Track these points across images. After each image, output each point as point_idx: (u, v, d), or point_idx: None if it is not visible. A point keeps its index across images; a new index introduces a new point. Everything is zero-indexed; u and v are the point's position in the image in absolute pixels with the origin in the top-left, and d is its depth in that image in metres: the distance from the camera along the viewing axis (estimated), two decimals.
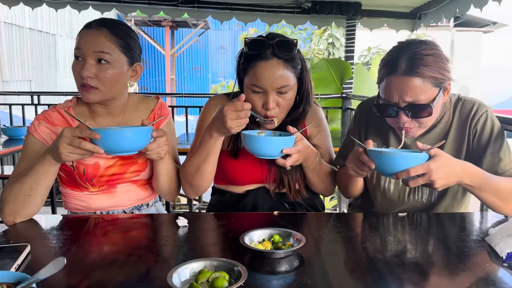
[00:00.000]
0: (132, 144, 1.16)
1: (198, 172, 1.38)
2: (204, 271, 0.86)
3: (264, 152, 1.25)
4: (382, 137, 1.47)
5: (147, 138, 1.21)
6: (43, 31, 9.55)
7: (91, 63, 1.29)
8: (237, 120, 1.23)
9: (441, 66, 1.23)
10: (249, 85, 1.35)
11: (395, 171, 1.11)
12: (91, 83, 1.30)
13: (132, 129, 1.19)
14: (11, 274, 0.80)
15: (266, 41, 1.32)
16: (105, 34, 1.31)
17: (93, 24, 1.33)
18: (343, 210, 3.62)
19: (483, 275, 0.91)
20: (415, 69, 1.21)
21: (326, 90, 4.39)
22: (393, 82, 1.25)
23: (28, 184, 1.22)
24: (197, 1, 3.84)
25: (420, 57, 1.22)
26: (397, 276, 0.89)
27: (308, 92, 1.45)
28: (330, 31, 9.45)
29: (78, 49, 1.30)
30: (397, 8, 3.95)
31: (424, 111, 1.24)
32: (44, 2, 3.91)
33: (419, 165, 1.09)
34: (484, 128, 1.33)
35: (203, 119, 1.52)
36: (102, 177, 1.39)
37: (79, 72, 1.29)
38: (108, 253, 1.02)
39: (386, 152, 1.11)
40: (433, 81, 1.22)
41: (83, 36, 1.31)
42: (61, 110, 1.39)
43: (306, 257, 0.99)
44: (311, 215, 1.32)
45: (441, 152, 1.11)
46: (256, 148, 1.25)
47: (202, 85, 15.87)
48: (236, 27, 15.05)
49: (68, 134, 1.13)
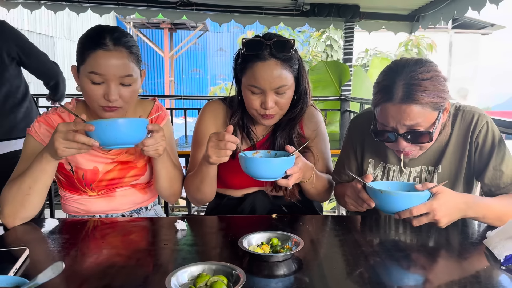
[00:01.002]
0: (127, 136, 1.14)
1: (199, 191, 1.40)
2: (202, 275, 0.86)
3: (266, 175, 1.21)
4: (379, 155, 1.41)
5: (142, 131, 1.19)
6: (41, 34, 9.55)
7: (115, 87, 1.26)
8: (216, 149, 1.20)
9: (440, 89, 1.17)
10: (247, 86, 1.35)
11: (397, 210, 1.09)
12: (116, 105, 1.28)
13: (126, 119, 1.15)
14: (9, 279, 0.80)
15: (263, 42, 1.32)
16: (126, 56, 1.27)
17: (109, 43, 1.25)
18: (341, 212, 3.62)
19: (481, 278, 0.91)
20: (413, 96, 1.14)
21: (324, 92, 4.39)
22: (390, 109, 1.18)
23: (27, 183, 1.21)
24: (196, 4, 3.84)
25: (418, 83, 1.15)
26: (396, 279, 0.90)
27: (306, 91, 1.45)
28: (328, 33, 9.47)
29: (98, 75, 1.24)
30: (395, 10, 3.96)
31: (424, 137, 1.20)
32: (43, 5, 3.91)
33: (422, 204, 1.07)
34: (486, 141, 1.28)
35: (200, 126, 1.53)
36: (101, 182, 1.39)
37: (102, 96, 1.26)
38: (106, 257, 1.02)
39: (387, 192, 1.09)
40: (433, 106, 1.16)
41: (103, 59, 1.23)
42: (62, 113, 1.38)
43: (304, 260, 1.00)
44: (309, 218, 1.33)
45: (443, 188, 1.10)
46: (257, 171, 1.20)
47: (201, 87, 15.87)
48: (235, 29, 15.07)
49: (63, 129, 1.12)
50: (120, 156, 1.41)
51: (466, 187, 1.35)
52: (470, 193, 1.38)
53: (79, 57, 1.29)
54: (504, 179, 1.26)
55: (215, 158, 1.21)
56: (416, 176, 1.37)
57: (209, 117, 1.51)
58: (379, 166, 1.41)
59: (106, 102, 1.27)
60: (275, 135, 1.49)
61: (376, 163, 1.41)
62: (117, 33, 1.28)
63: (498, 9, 2.78)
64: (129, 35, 1.33)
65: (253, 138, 1.50)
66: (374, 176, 1.41)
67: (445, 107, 1.22)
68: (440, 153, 1.34)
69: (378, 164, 1.41)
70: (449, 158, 1.33)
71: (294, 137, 1.48)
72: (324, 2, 3.74)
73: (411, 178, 1.37)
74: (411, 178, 1.37)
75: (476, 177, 1.35)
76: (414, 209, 1.07)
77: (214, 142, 1.20)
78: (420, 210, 1.07)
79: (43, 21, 9.55)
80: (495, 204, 1.21)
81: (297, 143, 1.47)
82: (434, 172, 1.35)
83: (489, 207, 1.19)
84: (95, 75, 1.24)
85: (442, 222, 1.10)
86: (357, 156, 1.46)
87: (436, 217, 1.08)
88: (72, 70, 1.33)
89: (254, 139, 1.50)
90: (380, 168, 1.41)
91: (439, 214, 1.08)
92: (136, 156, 1.43)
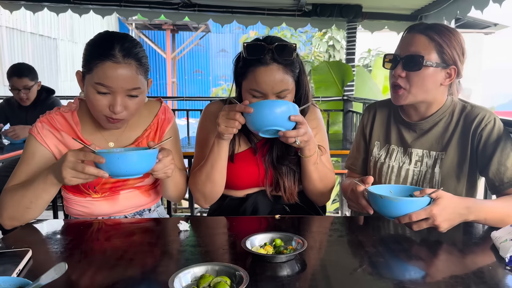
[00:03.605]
0: (138, 167, 1.12)
1: (208, 180, 1.39)
2: (205, 276, 0.86)
3: (274, 122, 1.21)
4: (384, 137, 1.54)
5: (152, 161, 1.17)
6: (44, 35, 9.59)
7: (122, 99, 1.24)
8: (227, 119, 1.26)
9: (451, 43, 1.32)
10: (249, 90, 1.35)
11: (397, 215, 1.10)
12: (121, 117, 1.27)
13: (137, 153, 1.12)
14: (13, 280, 0.80)
15: (265, 46, 1.31)
16: (135, 68, 1.24)
17: (118, 55, 1.21)
18: (345, 213, 3.61)
19: (486, 278, 0.91)
20: (427, 31, 1.33)
21: (327, 93, 4.39)
22: (406, 37, 1.37)
23: (28, 198, 1.21)
24: (198, 5, 3.85)
25: (435, 26, 1.34)
26: (399, 280, 0.89)
27: (306, 95, 1.44)
28: (330, 33, 9.46)
29: (105, 87, 1.21)
30: (398, 10, 3.96)
31: (417, 64, 1.31)
32: (45, 7, 3.93)
33: (422, 210, 1.07)
34: (491, 135, 1.32)
35: (201, 127, 1.54)
36: (105, 184, 1.39)
37: (107, 106, 1.24)
38: (109, 258, 1.02)
39: (386, 197, 1.10)
40: (438, 48, 1.31)
41: (111, 72, 1.20)
42: (65, 113, 1.37)
43: (308, 261, 0.99)
44: (312, 219, 1.32)
45: (443, 193, 1.10)
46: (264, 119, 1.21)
47: (203, 88, 15.89)
48: (237, 30, 15.08)
49: (72, 158, 1.10)
50: None
51: (469, 180, 1.38)
52: (473, 188, 1.41)
53: (86, 65, 1.24)
54: (508, 174, 1.28)
55: (223, 127, 1.27)
56: (417, 160, 1.43)
57: (210, 119, 1.51)
58: (384, 147, 1.53)
59: (111, 113, 1.25)
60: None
61: (381, 144, 1.54)
62: (127, 43, 1.24)
63: (502, 9, 2.77)
64: (138, 44, 1.29)
65: (254, 140, 1.49)
66: (379, 156, 1.53)
67: (449, 72, 1.34)
68: (443, 139, 1.41)
69: (383, 145, 1.53)
70: (453, 150, 1.38)
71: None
72: (326, 2, 3.74)
73: (412, 161, 1.44)
74: (413, 161, 1.44)
75: (480, 172, 1.37)
76: (413, 215, 1.07)
77: (225, 111, 1.27)
78: (419, 215, 1.07)
79: (45, 23, 9.59)
80: (496, 207, 1.20)
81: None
82: (437, 158, 1.40)
83: (491, 210, 1.18)
84: (101, 86, 1.21)
85: (442, 227, 1.09)
86: (366, 138, 1.60)
87: (436, 222, 1.07)
88: (77, 75, 1.30)
89: (255, 140, 1.50)
90: (384, 149, 1.53)
91: (439, 219, 1.07)
92: None
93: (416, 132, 1.45)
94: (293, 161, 1.45)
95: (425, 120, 1.43)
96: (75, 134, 1.35)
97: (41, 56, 9.45)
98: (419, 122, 1.44)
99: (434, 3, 3.53)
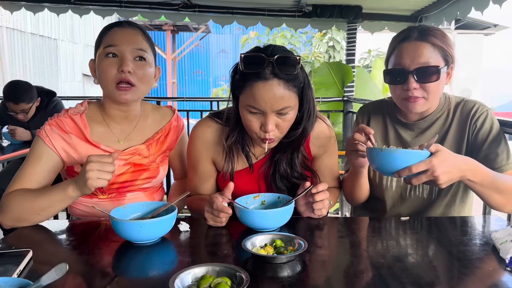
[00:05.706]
0: (159, 233, 1.11)
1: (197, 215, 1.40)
2: (206, 277, 0.86)
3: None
4: (381, 138, 1.53)
5: (171, 224, 1.15)
6: (44, 36, 9.58)
7: (130, 59, 1.30)
8: (212, 216, 1.22)
9: (447, 43, 1.33)
10: (246, 105, 1.22)
11: (397, 168, 1.09)
12: (130, 79, 1.29)
13: (158, 221, 1.09)
14: (13, 280, 0.80)
15: (265, 58, 1.17)
16: (141, 34, 1.35)
17: (124, 24, 1.34)
18: (345, 214, 3.61)
19: (486, 280, 0.91)
20: (426, 37, 1.31)
21: (327, 94, 4.39)
22: (406, 47, 1.33)
23: (41, 206, 1.21)
24: (198, 6, 3.85)
25: (430, 31, 1.33)
26: (400, 281, 0.89)
27: (310, 112, 1.32)
28: (330, 34, 9.46)
29: (113, 46, 1.29)
30: (398, 11, 3.95)
31: (433, 74, 1.30)
32: (46, 7, 3.93)
33: (422, 162, 1.07)
34: (484, 125, 1.36)
35: (192, 150, 1.44)
36: (113, 184, 1.39)
37: (117, 68, 1.29)
38: (110, 259, 1.02)
39: (387, 150, 1.10)
40: (441, 52, 1.31)
41: (118, 33, 1.31)
42: (74, 116, 1.36)
43: (308, 262, 0.99)
44: (313, 220, 1.32)
45: (442, 147, 1.10)
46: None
47: (203, 89, 15.88)
48: (237, 30, 15.07)
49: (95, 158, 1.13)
50: (133, 157, 1.41)
51: None
52: None
53: (97, 45, 1.34)
54: (498, 160, 1.32)
55: (212, 223, 1.22)
56: None
57: (199, 142, 1.41)
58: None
59: (119, 76, 1.28)
60: (275, 156, 1.40)
61: (379, 145, 1.49)
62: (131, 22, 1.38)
63: (502, 10, 2.77)
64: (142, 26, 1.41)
65: (250, 158, 1.41)
66: None
67: (448, 71, 1.36)
68: (441, 135, 1.42)
69: (380, 146, 1.49)
70: (450, 144, 1.41)
71: (296, 160, 1.39)
72: (326, 3, 3.74)
73: None
74: None
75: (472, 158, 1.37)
76: (413, 167, 1.07)
77: (209, 209, 1.21)
78: (419, 167, 1.07)
79: (46, 23, 9.58)
80: (494, 174, 1.21)
81: (300, 165, 1.40)
82: None
83: (488, 174, 1.18)
84: (110, 47, 1.29)
85: (442, 180, 1.08)
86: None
87: (435, 173, 1.07)
88: (90, 64, 1.37)
89: (252, 160, 1.42)
90: None
91: (439, 170, 1.07)
92: (149, 159, 1.43)
93: (415, 131, 1.47)
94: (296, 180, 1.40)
95: (423, 120, 1.44)
96: (83, 136, 1.35)
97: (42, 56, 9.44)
98: (417, 122, 1.45)
99: (434, 4, 3.53)
